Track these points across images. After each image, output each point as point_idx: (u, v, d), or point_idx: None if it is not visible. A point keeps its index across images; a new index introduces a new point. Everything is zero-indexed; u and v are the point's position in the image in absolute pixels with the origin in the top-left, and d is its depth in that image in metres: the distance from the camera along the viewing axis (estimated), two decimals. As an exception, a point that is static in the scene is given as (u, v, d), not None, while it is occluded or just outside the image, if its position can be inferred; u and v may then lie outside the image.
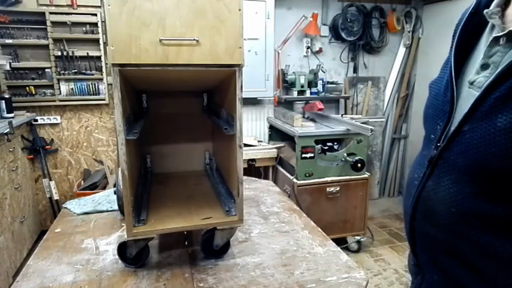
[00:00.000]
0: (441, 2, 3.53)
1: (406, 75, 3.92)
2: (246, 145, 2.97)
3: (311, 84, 3.36)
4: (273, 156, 3.02)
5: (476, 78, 0.63)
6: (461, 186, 0.61)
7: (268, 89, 3.31)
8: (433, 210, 0.66)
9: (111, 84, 1.22)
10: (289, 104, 3.60)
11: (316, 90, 3.40)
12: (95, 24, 2.97)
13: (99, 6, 2.96)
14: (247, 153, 2.87)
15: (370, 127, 2.52)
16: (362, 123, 2.75)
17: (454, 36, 0.75)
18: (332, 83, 3.62)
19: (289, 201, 1.71)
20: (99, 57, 3.03)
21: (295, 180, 2.71)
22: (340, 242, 2.83)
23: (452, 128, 0.63)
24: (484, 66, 0.62)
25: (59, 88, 3.01)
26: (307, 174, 2.71)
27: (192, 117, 1.58)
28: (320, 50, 3.61)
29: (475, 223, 0.60)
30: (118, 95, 0.92)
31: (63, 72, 2.97)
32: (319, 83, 3.39)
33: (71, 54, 2.95)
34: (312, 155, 2.70)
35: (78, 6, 2.92)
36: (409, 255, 0.84)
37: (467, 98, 0.63)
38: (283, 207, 1.61)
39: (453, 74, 0.66)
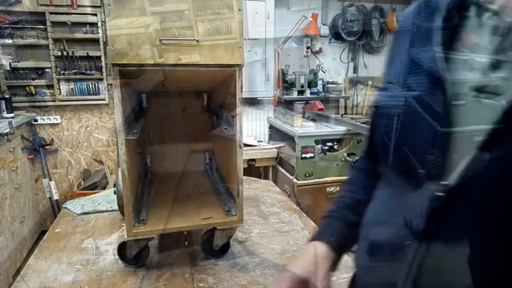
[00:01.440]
0: (441, 2, 3.53)
1: (406, 75, 3.92)
2: (246, 145, 2.97)
3: (311, 84, 3.36)
4: (273, 156, 3.01)
5: (488, 82, 0.46)
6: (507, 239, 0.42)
7: (268, 89, 3.32)
8: (453, 286, 0.46)
9: (111, 84, 1.22)
10: (289, 104, 3.59)
11: (316, 90, 3.40)
12: (95, 24, 2.97)
13: (99, 6, 2.95)
14: (247, 153, 2.87)
15: (370, 127, 2.51)
16: (362, 123, 2.75)
17: (397, 36, 0.62)
18: (332, 83, 3.62)
19: (289, 201, 1.71)
20: (99, 57, 3.03)
21: (295, 180, 2.71)
22: (340, 242, 2.83)
23: (458, 156, 0.45)
24: (495, 65, 0.45)
25: (59, 88, 3.00)
26: (307, 174, 2.71)
27: (192, 117, 1.58)
28: (320, 50, 3.61)
29: None
30: (118, 95, 0.92)
31: (63, 72, 2.97)
32: (319, 83, 3.39)
33: (71, 54, 2.95)
34: (312, 155, 2.69)
35: (78, 6, 2.92)
36: None
37: (475, 110, 0.46)
38: (283, 207, 1.61)
39: (447, 81, 0.48)
